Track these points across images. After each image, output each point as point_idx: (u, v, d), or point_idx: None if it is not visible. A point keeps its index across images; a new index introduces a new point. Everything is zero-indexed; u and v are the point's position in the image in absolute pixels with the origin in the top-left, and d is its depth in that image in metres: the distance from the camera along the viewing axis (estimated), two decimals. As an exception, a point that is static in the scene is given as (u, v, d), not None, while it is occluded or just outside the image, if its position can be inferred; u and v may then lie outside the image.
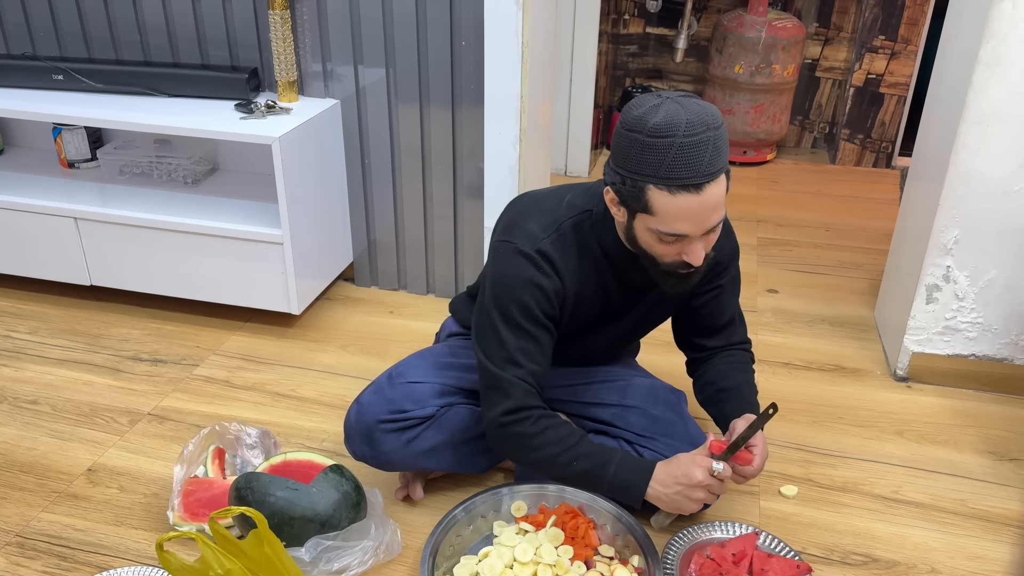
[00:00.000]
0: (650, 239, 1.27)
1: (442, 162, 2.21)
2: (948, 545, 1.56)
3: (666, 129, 1.17)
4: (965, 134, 1.79)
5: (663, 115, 1.18)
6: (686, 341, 1.61)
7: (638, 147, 1.19)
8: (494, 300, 1.37)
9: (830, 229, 2.92)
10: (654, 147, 1.18)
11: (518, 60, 1.99)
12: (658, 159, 1.18)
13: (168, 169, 2.34)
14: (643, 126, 1.19)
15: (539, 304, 1.35)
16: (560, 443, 1.38)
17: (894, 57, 3.29)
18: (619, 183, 1.25)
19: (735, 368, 1.55)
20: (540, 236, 1.36)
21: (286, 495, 1.39)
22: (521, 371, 1.36)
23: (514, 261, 1.35)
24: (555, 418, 1.40)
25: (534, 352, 1.37)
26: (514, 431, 1.37)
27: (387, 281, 2.44)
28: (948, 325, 1.98)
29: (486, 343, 1.39)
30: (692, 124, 1.17)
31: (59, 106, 2.12)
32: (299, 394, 1.97)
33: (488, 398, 1.40)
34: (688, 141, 1.17)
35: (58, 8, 2.27)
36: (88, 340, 2.17)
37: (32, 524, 1.57)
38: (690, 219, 1.22)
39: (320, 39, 2.13)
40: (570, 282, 1.38)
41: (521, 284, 1.35)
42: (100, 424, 1.85)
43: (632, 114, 1.21)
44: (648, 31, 3.68)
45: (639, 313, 1.51)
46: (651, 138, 1.18)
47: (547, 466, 1.41)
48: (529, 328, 1.36)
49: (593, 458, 1.38)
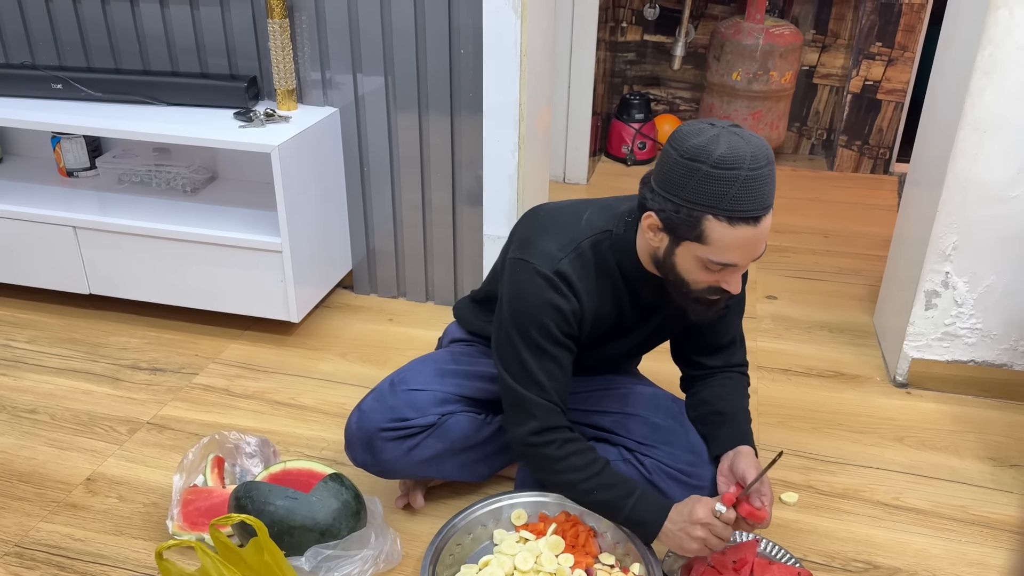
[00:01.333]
0: (693, 267, 1.26)
1: (441, 170, 2.21)
2: (949, 551, 1.56)
3: (732, 161, 1.16)
4: (963, 140, 1.79)
5: (727, 147, 1.16)
6: (685, 358, 1.60)
7: (700, 177, 1.18)
8: (514, 322, 1.36)
9: (829, 235, 2.92)
10: (719, 179, 1.16)
11: (516, 68, 1.99)
12: (722, 191, 1.17)
13: (167, 178, 2.34)
14: (707, 156, 1.17)
15: (558, 325, 1.35)
16: (584, 470, 1.39)
17: (891, 64, 3.30)
18: (670, 211, 1.22)
19: (731, 392, 1.54)
20: (558, 256, 1.35)
21: (286, 504, 1.38)
22: (544, 391, 1.37)
23: (532, 282, 1.34)
24: (580, 442, 1.41)
25: (555, 371, 1.38)
26: (541, 453, 1.40)
27: (386, 289, 2.44)
28: (947, 331, 1.98)
29: (508, 363, 1.39)
30: (756, 158, 1.17)
31: (58, 115, 2.12)
32: (298, 402, 1.97)
33: (512, 416, 1.41)
34: (753, 175, 1.17)
35: (57, 17, 2.28)
36: (87, 349, 2.17)
37: (31, 534, 1.57)
38: (743, 250, 1.21)
39: (319, 47, 2.14)
40: (588, 302, 1.37)
41: (540, 306, 1.34)
42: (99, 433, 1.85)
43: (690, 143, 1.19)
44: (646, 38, 3.69)
45: (647, 330, 1.51)
46: (716, 169, 1.16)
47: (569, 490, 1.44)
48: (550, 349, 1.36)
49: (614, 490, 1.39)
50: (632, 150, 3.55)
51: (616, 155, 3.62)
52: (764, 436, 1.86)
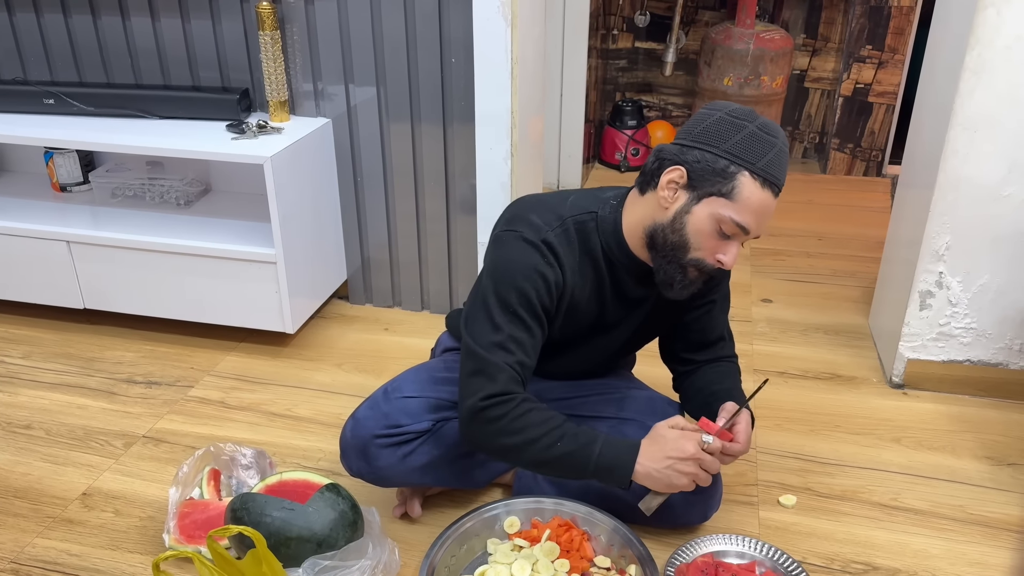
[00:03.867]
0: (706, 227, 1.28)
1: (434, 179, 2.21)
2: (948, 551, 1.55)
3: (774, 130, 1.28)
4: (953, 140, 1.80)
5: (764, 119, 1.28)
6: (674, 355, 1.60)
7: (746, 134, 1.26)
8: (494, 285, 1.34)
9: (822, 238, 2.93)
10: (763, 140, 1.26)
11: (508, 76, 2.00)
12: (763, 151, 1.25)
13: (160, 191, 2.34)
14: (753, 119, 1.27)
15: (538, 294, 1.34)
16: (543, 425, 1.31)
17: (882, 66, 3.31)
18: (708, 161, 1.26)
19: (724, 375, 1.55)
20: (544, 227, 1.36)
21: (282, 515, 1.38)
22: (511, 358, 1.32)
23: (518, 247, 1.34)
24: (537, 403, 1.35)
25: (525, 343, 1.34)
26: (493, 414, 1.30)
27: (381, 298, 2.43)
28: (942, 331, 1.99)
29: (477, 328, 1.34)
30: (785, 139, 1.29)
31: (50, 130, 2.12)
32: (295, 413, 1.96)
33: (469, 385, 1.32)
34: (784, 149, 1.28)
35: (48, 33, 2.28)
36: (82, 363, 2.16)
37: (27, 550, 1.56)
38: (759, 216, 1.27)
39: (310, 59, 2.14)
40: (570, 277, 1.38)
41: (524, 271, 1.33)
42: (95, 448, 1.84)
43: (734, 107, 1.29)
44: (637, 45, 3.71)
45: (630, 326, 1.51)
46: (761, 131, 1.26)
47: (527, 449, 1.32)
48: (525, 317, 1.34)
49: (578, 438, 1.32)
50: (625, 156, 3.56)
51: (610, 162, 3.63)
52: (762, 439, 1.86)
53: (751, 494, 1.69)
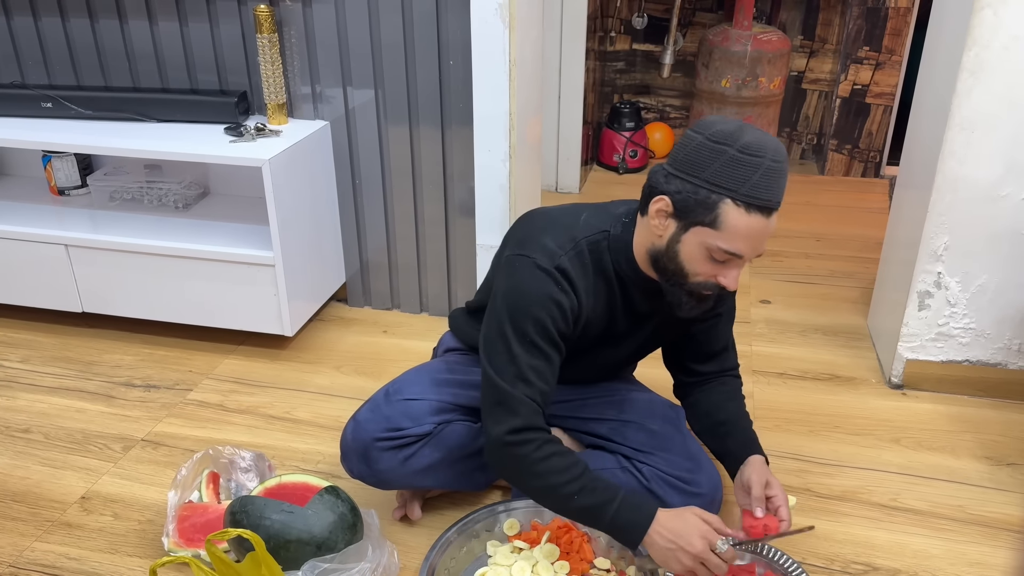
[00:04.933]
0: (698, 255, 1.25)
1: (433, 181, 2.21)
2: (948, 552, 1.55)
3: (758, 149, 1.19)
4: (951, 141, 1.80)
5: (752, 136, 1.20)
6: (678, 364, 1.60)
7: (726, 160, 1.20)
8: (509, 315, 1.33)
9: (821, 239, 2.93)
10: (745, 163, 1.19)
11: (506, 78, 2.00)
12: (745, 175, 1.19)
13: (159, 194, 2.34)
14: (735, 141, 1.20)
15: (554, 322, 1.32)
16: (565, 472, 1.30)
17: (879, 67, 3.31)
18: (688, 192, 1.22)
19: (729, 398, 1.54)
20: (558, 252, 1.33)
21: (281, 518, 1.38)
22: (530, 390, 1.32)
23: (532, 275, 1.32)
24: (559, 445, 1.35)
25: (544, 371, 1.33)
26: (518, 452, 1.31)
27: (380, 301, 2.43)
28: (941, 331, 1.99)
29: (496, 358, 1.34)
30: (778, 151, 1.21)
31: (48, 133, 2.12)
32: (293, 416, 1.96)
33: (493, 414, 1.33)
34: (775, 166, 1.20)
35: (46, 36, 2.28)
36: (80, 367, 2.16)
37: (25, 554, 1.55)
38: (751, 240, 1.22)
39: (308, 61, 2.14)
40: (585, 300, 1.36)
41: (539, 300, 1.31)
42: (93, 451, 1.84)
43: (717, 127, 1.22)
44: (635, 47, 3.71)
45: (638, 340, 1.51)
46: (742, 154, 1.19)
47: (548, 495, 1.34)
48: (542, 346, 1.32)
49: (596, 494, 1.30)
50: (623, 158, 3.56)
51: (608, 163, 3.63)
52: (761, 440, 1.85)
53: (751, 495, 1.69)
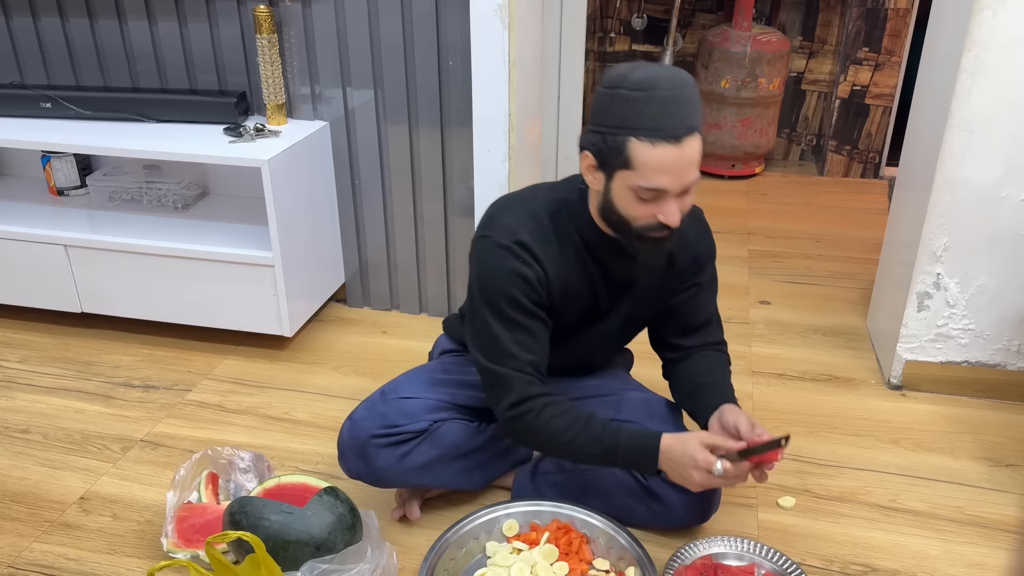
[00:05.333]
0: (628, 198, 1.28)
1: (432, 182, 2.21)
2: (947, 553, 1.55)
3: (649, 83, 1.21)
4: (950, 142, 1.80)
5: (644, 72, 1.22)
6: (663, 341, 1.60)
7: (620, 101, 1.22)
8: (481, 297, 1.38)
9: (820, 240, 2.93)
10: (637, 100, 1.21)
11: (505, 79, 2.00)
12: (640, 111, 1.21)
13: (158, 194, 2.33)
14: (625, 81, 1.22)
15: (525, 294, 1.36)
16: (567, 431, 1.37)
17: (878, 68, 3.32)
18: (599, 142, 1.26)
19: (712, 366, 1.55)
20: (517, 227, 1.37)
21: (280, 519, 1.37)
22: (518, 363, 1.37)
23: (494, 254, 1.37)
24: (558, 405, 1.39)
25: (529, 342, 1.38)
26: (522, 424, 1.38)
27: (379, 301, 2.43)
28: (940, 332, 1.99)
29: (481, 342, 1.39)
30: (672, 80, 1.22)
31: (48, 134, 2.12)
32: (292, 417, 1.96)
33: (492, 396, 1.40)
34: (670, 94, 1.21)
35: (45, 36, 2.28)
36: (79, 367, 2.16)
37: (24, 555, 1.55)
38: (669, 172, 1.23)
39: (308, 62, 2.14)
40: (552, 271, 1.39)
41: (504, 276, 1.36)
42: (92, 452, 1.84)
43: (613, 73, 1.25)
44: (634, 48, 3.71)
45: (623, 312, 1.51)
46: (634, 91, 1.21)
47: (563, 452, 1.42)
48: (520, 319, 1.37)
49: (602, 442, 1.37)
50: (623, 159, 3.56)
51: (607, 164, 3.63)
52: (760, 441, 1.85)
53: (750, 496, 1.69)
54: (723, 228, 3.01)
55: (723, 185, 3.47)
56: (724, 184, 3.49)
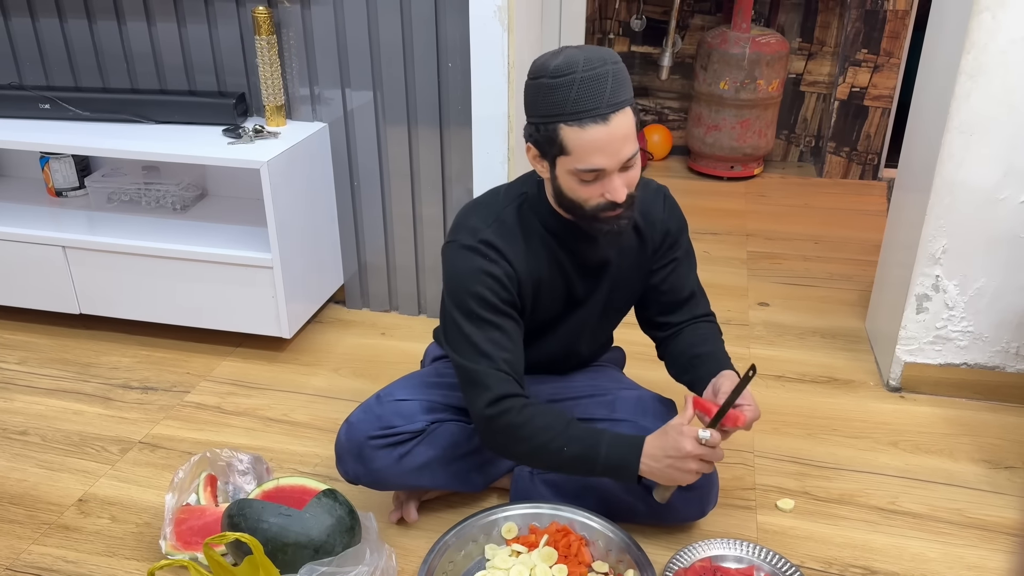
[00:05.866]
0: (572, 183, 1.29)
1: (431, 183, 2.21)
2: (946, 555, 1.55)
3: (566, 68, 1.23)
4: (949, 144, 1.80)
5: (562, 58, 1.24)
6: (650, 321, 1.61)
7: (544, 91, 1.24)
8: (451, 298, 1.40)
9: (819, 241, 2.93)
10: (558, 87, 1.23)
11: (504, 80, 2.00)
12: (563, 96, 1.23)
13: (156, 196, 2.33)
14: (545, 70, 1.24)
15: (494, 292, 1.37)
16: (549, 429, 1.36)
17: (877, 70, 3.32)
18: (534, 133, 1.29)
19: (704, 338, 1.55)
20: (480, 227, 1.39)
21: (279, 521, 1.37)
22: (493, 361, 1.37)
23: (460, 255, 1.39)
24: (539, 405, 1.39)
25: (502, 340, 1.38)
26: (501, 423, 1.36)
27: (378, 303, 2.43)
28: (939, 334, 1.99)
29: (455, 342, 1.41)
30: (590, 60, 1.23)
31: (46, 135, 2.11)
32: (291, 418, 1.96)
33: (469, 396, 1.39)
34: (588, 75, 1.22)
35: (44, 37, 2.28)
36: (78, 369, 2.16)
37: (22, 557, 1.55)
38: (602, 150, 1.24)
39: (307, 63, 2.14)
40: (521, 266, 1.40)
41: (471, 276, 1.37)
42: (91, 454, 1.84)
43: (535, 64, 1.27)
44: (633, 49, 3.71)
45: (602, 295, 1.52)
46: (553, 79, 1.23)
47: (540, 454, 1.38)
48: (490, 318, 1.38)
49: (583, 441, 1.36)
50: (622, 160, 3.56)
51: (606, 165, 3.63)
52: (759, 443, 1.85)
53: (749, 498, 1.69)
54: (721, 230, 3.01)
55: (722, 187, 3.48)
56: (723, 185, 3.49)
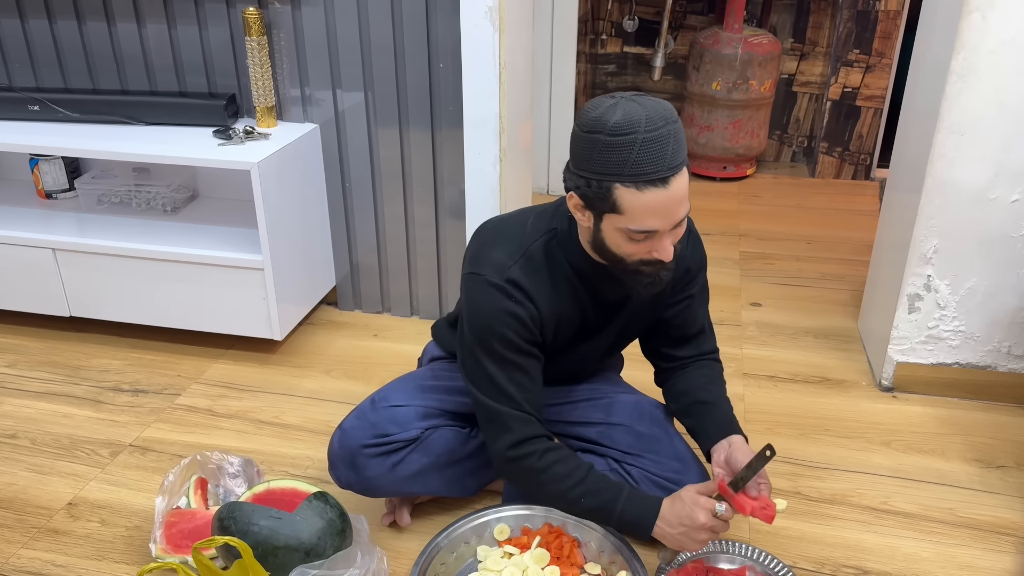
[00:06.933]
0: (619, 239, 1.26)
1: (423, 184, 2.21)
2: (938, 555, 1.55)
3: (627, 127, 1.17)
4: (940, 144, 1.80)
5: (622, 113, 1.18)
6: (656, 352, 1.60)
7: (600, 147, 1.18)
8: (474, 337, 1.36)
9: (811, 241, 2.93)
10: (617, 146, 1.17)
11: (496, 81, 1.99)
12: (622, 157, 1.17)
13: (147, 197, 2.32)
14: (603, 126, 1.18)
15: (518, 333, 1.35)
16: (568, 478, 1.38)
17: (869, 70, 3.32)
18: (584, 186, 1.23)
19: (710, 380, 1.55)
20: (508, 264, 1.35)
21: (270, 524, 1.37)
22: (515, 402, 1.36)
23: (486, 293, 1.34)
24: (560, 450, 1.40)
25: (524, 381, 1.37)
26: (522, 466, 1.38)
27: (370, 304, 2.42)
28: (931, 334, 1.99)
29: (476, 380, 1.39)
30: (652, 120, 1.17)
31: (36, 137, 2.10)
32: (283, 421, 1.95)
33: (489, 432, 1.40)
34: (650, 136, 1.17)
35: (33, 38, 2.27)
36: (68, 372, 2.14)
37: (11, 561, 1.54)
38: (658, 214, 1.21)
39: (298, 64, 2.14)
40: (544, 306, 1.37)
41: (497, 317, 1.34)
42: (80, 457, 1.83)
43: (589, 116, 1.20)
44: (626, 50, 3.71)
45: (615, 328, 1.51)
46: (613, 137, 1.17)
47: (557, 500, 1.42)
48: (514, 359, 1.36)
49: (601, 495, 1.38)
50: (615, 161, 3.55)
51: (599, 166, 3.62)
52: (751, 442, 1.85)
53: (741, 499, 1.69)
54: (714, 230, 3.01)
55: (714, 187, 3.48)
56: (715, 186, 3.49)
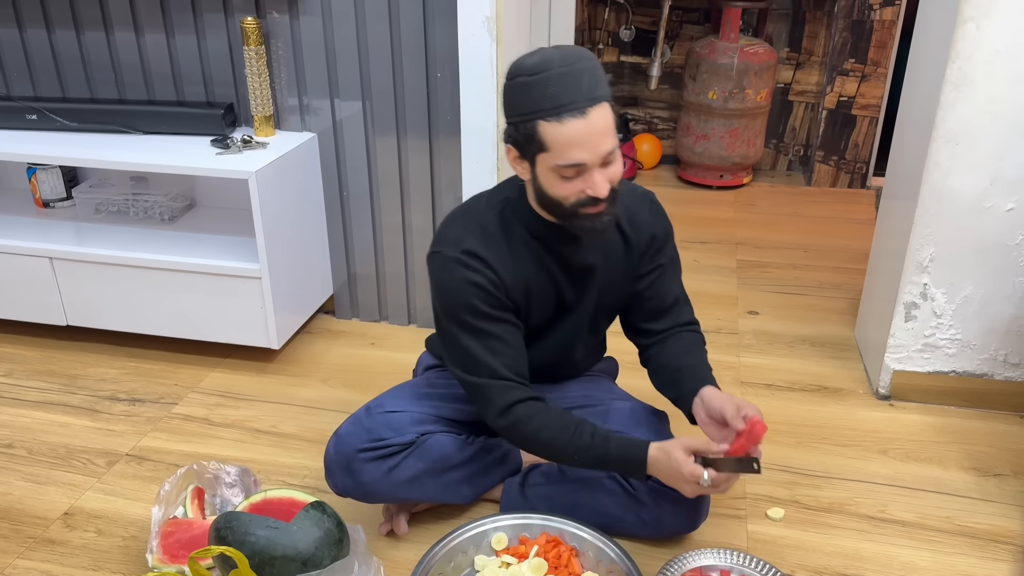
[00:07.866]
0: (553, 180, 1.30)
1: (420, 193, 2.21)
2: (936, 563, 1.55)
3: (543, 65, 1.24)
4: (936, 153, 1.81)
5: (538, 56, 1.26)
6: (635, 328, 1.61)
7: (521, 89, 1.26)
8: (444, 312, 1.41)
9: (808, 250, 2.94)
10: (534, 83, 1.24)
11: (493, 90, 2.00)
12: (540, 93, 1.24)
13: (144, 206, 2.32)
14: (521, 69, 1.26)
15: (484, 300, 1.38)
16: (558, 439, 1.40)
17: (864, 79, 3.34)
18: (513, 133, 1.30)
19: (687, 350, 1.56)
20: (463, 236, 1.40)
21: (267, 534, 1.36)
22: (494, 370, 1.39)
23: (444, 267, 1.39)
24: (547, 413, 1.41)
25: (499, 347, 1.40)
26: (515, 431, 1.42)
27: (368, 313, 2.42)
28: (927, 342, 1.99)
29: (455, 357, 1.43)
30: (566, 57, 1.25)
31: (33, 146, 2.10)
32: (280, 430, 1.95)
33: (478, 406, 1.44)
34: (564, 70, 1.24)
35: (31, 48, 2.27)
36: (65, 381, 2.14)
37: (7, 571, 1.53)
38: (582, 145, 1.25)
39: (296, 73, 2.14)
40: (506, 272, 1.40)
41: (458, 288, 1.38)
42: (77, 466, 1.82)
43: (512, 66, 1.29)
44: (623, 60, 3.73)
45: (591, 300, 1.52)
46: (530, 76, 1.25)
47: (554, 457, 1.45)
48: (485, 327, 1.39)
49: (592, 451, 1.39)
50: (612, 170, 3.56)
51: (596, 175, 3.63)
52: (749, 452, 1.85)
53: (739, 507, 1.69)
54: (711, 238, 3.02)
55: (711, 195, 3.49)
56: (712, 194, 3.50)
